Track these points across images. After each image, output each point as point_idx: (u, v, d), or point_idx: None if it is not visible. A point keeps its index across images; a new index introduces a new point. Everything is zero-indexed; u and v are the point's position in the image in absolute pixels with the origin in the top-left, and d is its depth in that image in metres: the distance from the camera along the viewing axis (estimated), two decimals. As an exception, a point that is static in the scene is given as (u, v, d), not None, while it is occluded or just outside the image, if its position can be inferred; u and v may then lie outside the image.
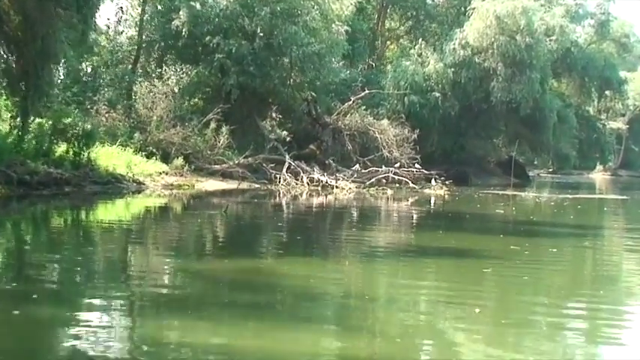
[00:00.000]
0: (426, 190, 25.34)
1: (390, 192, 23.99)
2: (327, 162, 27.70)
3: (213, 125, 25.60)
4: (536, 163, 51.88)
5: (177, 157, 25.46)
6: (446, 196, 23.44)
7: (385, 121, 30.04)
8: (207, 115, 26.47)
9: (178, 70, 29.49)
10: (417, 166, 26.72)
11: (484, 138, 38.04)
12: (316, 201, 21.30)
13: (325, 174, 25.63)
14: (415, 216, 17.13)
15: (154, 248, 9.86)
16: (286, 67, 29.35)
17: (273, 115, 26.69)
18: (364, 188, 24.61)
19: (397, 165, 26.73)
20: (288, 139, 26.53)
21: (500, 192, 26.50)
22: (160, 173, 24.74)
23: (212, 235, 11.77)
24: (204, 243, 10.71)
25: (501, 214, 16.86)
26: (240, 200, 19.61)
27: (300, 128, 29.97)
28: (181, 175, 24.68)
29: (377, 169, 26.79)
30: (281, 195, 21.73)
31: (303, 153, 28.24)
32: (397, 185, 26.39)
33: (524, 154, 45.35)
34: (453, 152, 35.11)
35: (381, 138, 28.87)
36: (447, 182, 26.78)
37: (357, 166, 26.28)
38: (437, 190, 25.22)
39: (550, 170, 52.91)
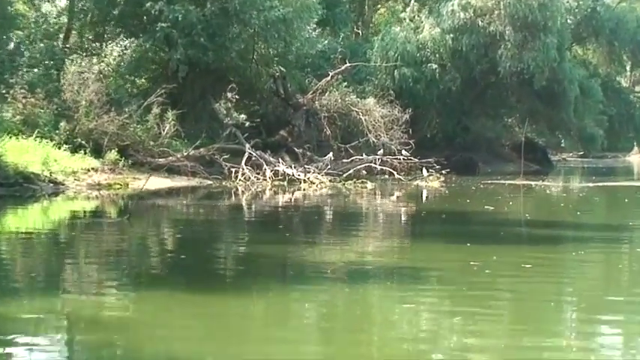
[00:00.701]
0: (417, 182, 24.59)
1: (370, 186, 23.02)
2: (300, 151, 26.55)
3: (156, 110, 23.97)
4: (563, 145, 50.75)
5: (111, 150, 22.99)
6: (439, 189, 22.92)
7: (371, 100, 28.55)
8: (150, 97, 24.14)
9: (117, 44, 26.81)
10: (404, 153, 25.41)
11: (493, 117, 36.93)
12: (280, 200, 20.07)
13: (293, 166, 24.41)
14: (385, 218, 15.55)
15: None
16: (246, 38, 26.82)
17: (229, 95, 24.85)
18: (340, 182, 23.46)
19: (381, 152, 25.33)
20: (248, 124, 25.17)
21: (508, 182, 25.45)
22: (88, 170, 22.46)
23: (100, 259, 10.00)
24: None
25: (490, 212, 15.71)
26: (186, 202, 19.14)
27: (268, 112, 29.05)
28: (116, 172, 22.25)
29: (358, 157, 25.58)
30: (238, 193, 20.99)
31: (270, 141, 27.17)
32: (384, 177, 25.61)
33: (544, 135, 44.32)
34: (455, 135, 33.92)
35: (365, 120, 27.44)
36: (443, 172, 25.78)
37: (331, 155, 24.70)
38: (430, 182, 24.37)
39: (580, 154, 50.94)
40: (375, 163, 25.27)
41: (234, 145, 25.22)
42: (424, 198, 21.20)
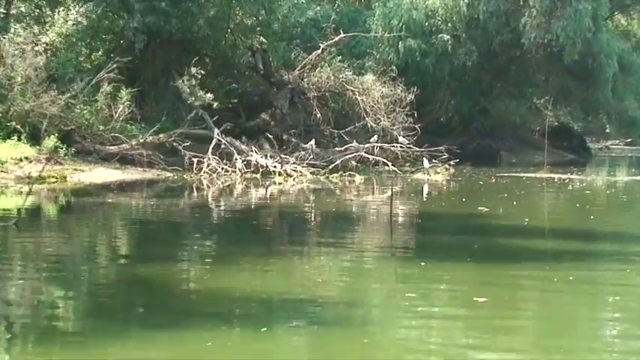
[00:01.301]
0: (419, 175, 23.49)
1: (359, 179, 21.84)
2: (285, 137, 25.55)
3: (107, 88, 22.51)
4: (608, 131, 49.34)
5: (49, 136, 20.86)
6: (444, 182, 22.02)
7: (369, 77, 27.17)
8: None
9: (67, 11, 24.85)
10: (401, 140, 24.11)
11: (517, 97, 34.82)
12: (249, 197, 18.73)
13: (269, 155, 23.08)
14: (352, 225, 13.67)
15: None
16: (218, 2, 25.55)
17: (193, 70, 23.28)
18: (324, 174, 22.28)
19: (374, 139, 24.05)
20: (216, 104, 23.79)
21: (528, 175, 24.28)
22: (20, 160, 20.22)
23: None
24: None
25: (481, 214, 14.09)
26: (136, 200, 17.78)
27: (248, 91, 28.06)
28: (53, 162, 20.14)
29: (350, 145, 24.22)
30: (202, 188, 19.94)
31: (248, 126, 26.06)
32: (382, 168, 24.30)
33: (582, 119, 42.66)
34: (472, 119, 32.68)
35: (362, 101, 26.16)
36: (451, 162, 24.86)
37: (313, 143, 23.41)
38: (433, 175, 23.30)
39: (628, 141, 49.55)
40: (369, 153, 23.80)
41: (200, 130, 23.86)
42: (419, 195, 20.01)
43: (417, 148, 25.12)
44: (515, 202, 16.99)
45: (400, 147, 23.99)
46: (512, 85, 34.28)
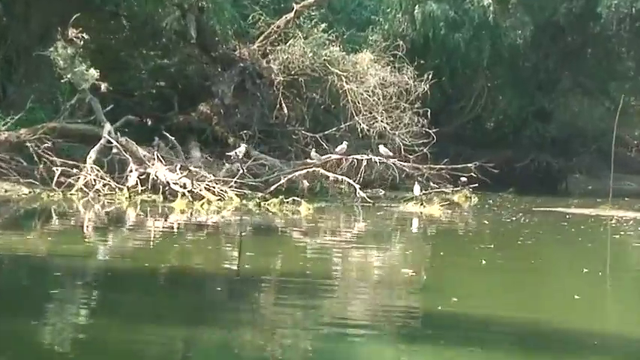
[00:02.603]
0: (411, 206, 21.14)
1: (306, 210, 18.89)
2: (231, 140, 23.51)
3: None
4: None
5: None
6: (442, 217, 20.04)
7: (365, 56, 25.32)
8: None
9: None
10: (382, 149, 21.80)
11: (594, 93, 33.19)
12: (111, 239, 14.93)
13: (179, 168, 20.10)
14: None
15: None
16: None
17: (71, 33, 20.70)
18: (258, 199, 19.51)
19: (342, 148, 21.49)
20: (104, 87, 21.19)
21: (574, 211, 22.41)
22: None
23: None
24: None
25: (403, 280, 11.53)
26: None
27: (185, 71, 25.68)
28: None
29: (308, 160, 22.24)
30: (66, 215, 17.60)
31: (175, 123, 23.86)
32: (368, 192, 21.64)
33: None
34: (524, 124, 31.26)
35: (351, 91, 24.47)
36: (467, 187, 23.28)
37: (242, 147, 20.90)
38: (428, 207, 20.86)
39: None
40: (331, 169, 21.45)
41: (85, 125, 21.47)
42: (425, 230, 18.55)
43: (417, 167, 22.90)
44: (483, 261, 12.67)
45: (379, 161, 21.64)
46: (585, 75, 32.70)
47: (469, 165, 23.37)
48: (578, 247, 15.67)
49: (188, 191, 18.74)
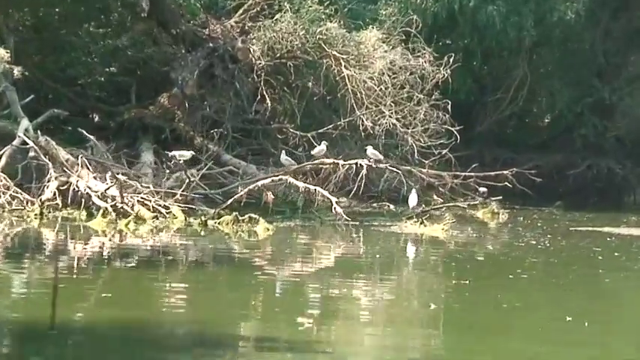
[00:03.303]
0: (405, 225, 19.70)
1: (263, 229, 17.55)
2: (197, 141, 22.23)
3: None
4: None
5: None
6: (445, 238, 18.75)
7: (371, 34, 23.68)
8: None
9: None
10: (370, 151, 20.16)
11: None
12: None
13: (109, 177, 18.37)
14: None
15: None
16: None
17: None
18: (201, 217, 17.92)
19: (320, 150, 20.38)
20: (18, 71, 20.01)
21: (628, 231, 21.29)
22: None
23: None
24: None
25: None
26: None
27: (144, 54, 24.02)
28: None
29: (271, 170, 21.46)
30: None
31: (128, 118, 22.45)
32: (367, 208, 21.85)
33: None
34: (579, 121, 29.42)
35: (352, 79, 23.02)
36: (489, 200, 22.71)
37: (187, 153, 19.25)
38: (429, 226, 19.38)
39: None
40: (303, 177, 19.97)
41: None
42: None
43: (439, 174, 21.68)
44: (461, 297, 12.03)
45: (365, 165, 19.48)
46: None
47: (505, 172, 22.00)
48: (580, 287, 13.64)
49: (111, 206, 16.73)
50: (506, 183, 22.10)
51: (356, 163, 19.64)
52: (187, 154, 19.03)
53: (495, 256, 17.67)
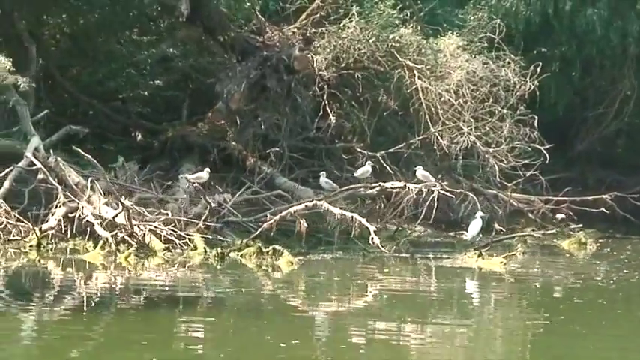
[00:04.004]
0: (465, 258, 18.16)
1: (286, 263, 16.26)
2: (250, 162, 21.00)
3: None
4: None
5: None
6: (505, 275, 17.07)
7: (450, 41, 22.54)
8: None
9: None
10: (420, 173, 19.29)
11: None
12: None
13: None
14: None
15: None
16: None
17: None
18: (216, 249, 16.47)
19: (363, 171, 19.67)
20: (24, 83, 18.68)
21: None
22: None
23: None
24: None
25: None
26: None
27: (198, 65, 23.26)
28: None
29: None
30: None
31: (171, 137, 21.44)
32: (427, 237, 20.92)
33: None
34: None
35: (427, 90, 21.80)
36: (572, 227, 21.61)
37: (205, 173, 17.87)
38: (487, 259, 17.67)
39: None
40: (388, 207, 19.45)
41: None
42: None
43: (528, 199, 21.50)
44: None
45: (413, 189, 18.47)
46: None
47: (604, 197, 21.22)
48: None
49: (116, 236, 15.56)
50: (602, 209, 21.18)
51: (405, 187, 18.18)
52: (204, 175, 17.50)
53: (554, 288, 16.05)
